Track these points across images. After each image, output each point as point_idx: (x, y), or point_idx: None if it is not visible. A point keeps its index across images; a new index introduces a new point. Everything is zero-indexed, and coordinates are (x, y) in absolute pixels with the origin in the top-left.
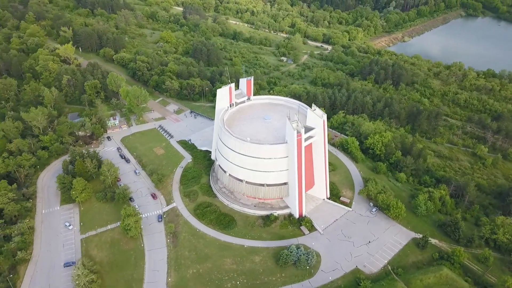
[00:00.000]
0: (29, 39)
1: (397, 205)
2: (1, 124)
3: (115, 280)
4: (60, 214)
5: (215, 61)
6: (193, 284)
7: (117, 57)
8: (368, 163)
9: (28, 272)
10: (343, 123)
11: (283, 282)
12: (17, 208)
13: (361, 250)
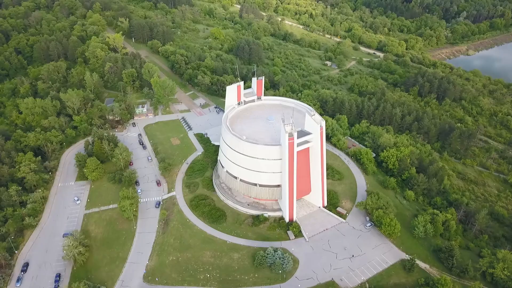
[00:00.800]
0: (89, 27)
1: (390, 223)
2: (42, 102)
3: (101, 256)
4: (73, 189)
5: (256, 60)
6: (169, 270)
7: (162, 49)
8: (379, 177)
9: (32, 237)
10: (365, 133)
11: (253, 282)
12: (36, 178)
13: (342, 263)
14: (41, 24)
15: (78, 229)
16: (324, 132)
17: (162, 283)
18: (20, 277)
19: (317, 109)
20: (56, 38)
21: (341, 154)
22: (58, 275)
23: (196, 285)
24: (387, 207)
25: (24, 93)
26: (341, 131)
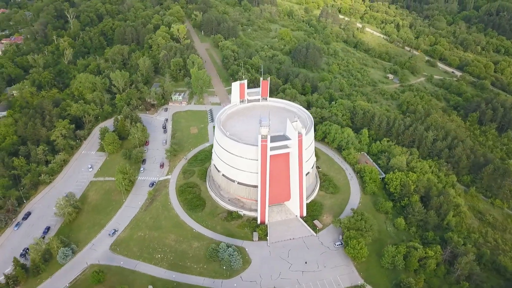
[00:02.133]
0: (166, 17)
1: (356, 246)
2: (93, 78)
3: (87, 219)
4: (91, 158)
5: (311, 64)
6: (133, 244)
7: (221, 44)
8: (378, 198)
9: (42, 192)
10: (383, 151)
11: (200, 272)
12: (63, 143)
13: (293, 274)
14: (130, 11)
15: (76, 192)
16: (304, 140)
17: (122, 254)
18: (20, 223)
19: (344, 120)
20: (135, 25)
21: (347, 169)
22: (48, 228)
23: (149, 263)
24: (367, 230)
25: (91, 69)
26: (356, 145)
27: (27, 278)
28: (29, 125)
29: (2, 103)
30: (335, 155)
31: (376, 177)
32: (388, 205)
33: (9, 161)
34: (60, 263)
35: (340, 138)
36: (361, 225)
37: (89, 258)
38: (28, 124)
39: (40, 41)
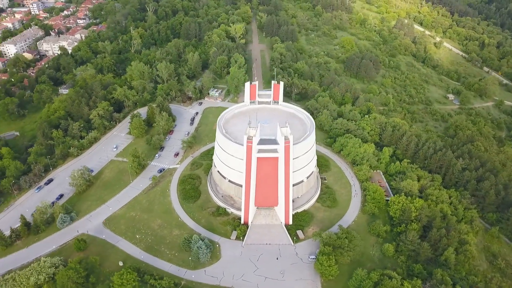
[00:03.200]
0: (231, 17)
1: (324, 262)
2: (142, 67)
3: (94, 193)
4: (119, 139)
5: (363, 75)
6: (122, 222)
7: (275, 46)
8: (376, 219)
9: (68, 164)
10: (400, 172)
11: (169, 259)
12: (99, 122)
13: (255, 278)
14: (203, 8)
15: (96, 168)
16: (292, 147)
17: (110, 229)
18: (41, 187)
19: (371, 136)
20: (201, 21)
21: (355, 185)
22: (61, 195)
23: (129, 241)
24: (348, 250)
25: (149, 60)
26: (372, 162)
27: (28, 235)
28: (75, 103)
29: (69, 82)
30: (347, 169)
31: (381, 197)
32: (381, 228)
33: (49, 132)
34: (58, 227)
35: (355, 152)
36: (343, 243)
37: (82, 227)
38: (75, 101)
39: (118, 30)
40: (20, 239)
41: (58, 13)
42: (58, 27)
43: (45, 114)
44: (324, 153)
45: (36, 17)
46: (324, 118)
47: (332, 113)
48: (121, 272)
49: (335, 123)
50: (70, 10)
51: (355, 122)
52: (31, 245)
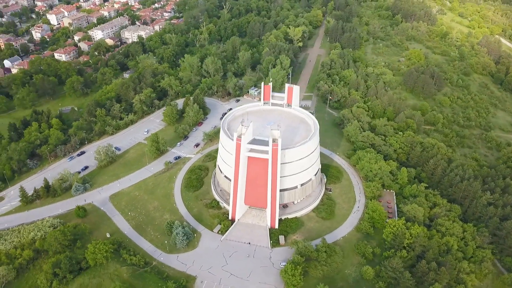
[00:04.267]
0: (300, 19)
1: (288, 271)
2: (193, 60)
3: (112, 169)
4: (154, 124)
5: (419, 91)
6: (124, 199)
7: (332, 52)
8: (369, 238)
9: (102, 140)
10: (414, 196)
11: (151, 239)
12: (138, 106)
13: (220, 273)
14: (276, 9)
15: (124, 148)
16: (280, 151)
17: (112, 203)
18: (73, 157)
19: (398, 154)
20: (267, 22)
21: (360, 201)
22: (86, 167)
23: (124, 217)
24: (324, 264)
25: (207, 54)
26: (386, 181)
27: (46, 196)
28: (124, 87)
29: (132, 68)
30: (358, 184)
31: (380, 218)
32: (367, 249)
33: (94, 110)
34: (72, 194)
35: (369, 167)
36: (320, 256)
37: (91, 198)
38: (124, 86)
39: (192, 24)
40: (39, 199)
41: (149, 5)
42: (145, 18)
43: (99, 94)
44: (341, 164)
45: (130, 8)
46: (352, 129)
47: (363, 125)
48: (96, 241)
49: (362, 135)
50: (160, 3)
51: (385, 138)
52: (46, 206)
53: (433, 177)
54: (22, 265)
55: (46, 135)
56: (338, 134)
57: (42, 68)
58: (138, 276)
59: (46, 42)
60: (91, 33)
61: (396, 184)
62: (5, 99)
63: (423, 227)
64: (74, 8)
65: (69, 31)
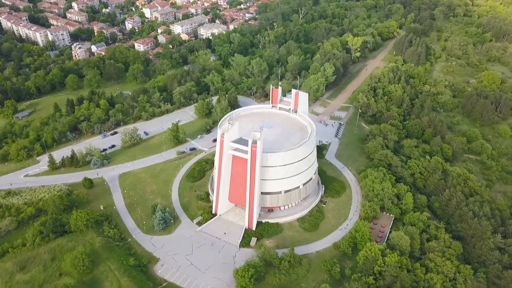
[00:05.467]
0: (370, 29)
1: (240, 272)
2: (241, 60)
3: (132, 151)
4: (187, 115)
5: (478, 116)
6: (129, 179)
7: (389, 64)
8: (345, 258)
9: (136, 124)
10: (412, 224)
11: (135, 218)
12: (178, 98)
13: (182, 260)
14: (351, 17)
15: (151, 133)
16: (258, 152)
17: (119, 181)
18: (106, 135)
19: (417, 178)
20: (333, 29)
21: (352, 219)
22: (113, 145)
23: (121, 194)
24: (282, 273)
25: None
26: (387, 204)
27: (70, 166)
28: (170, 78)
29: (191, 62)
30: (357, 202)
31: (363, 240)
32: (334, 268)
33: (137, 96)
34: (91, 167)
35: (371, 187)
36: (282, 265)
37: (103, 173)
38: (171, 77)
39: (264, 26)
40: (64, 167)
41: (235, 5)
42: (226, 17)
43: (151, 82)
44: (349, 179)
45: (217, 7)
46: (373, 145)
47: (388, 143)
48: (81, 210)
49: (379, 153)
50: (246, 4)
51: (406, 160)
52: (66, 174)
53: (447, 209)
54: (23, 219)
55: (90, 113)
56: (360, 149)
57: (115, 54)
58: (107, 248)
59: (134, 32)
60: (172, 27)
61: (397, 209)
62: (77, 79)
63: (405, 258)
64: (168, 4)
65: (155, 24)
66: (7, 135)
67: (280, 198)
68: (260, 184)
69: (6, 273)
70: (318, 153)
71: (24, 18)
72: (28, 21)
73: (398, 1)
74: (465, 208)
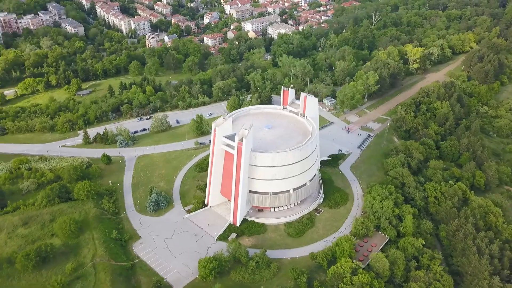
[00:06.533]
0: (440, 41)
1: (202, 263)
2: (292, 62)
3: (158, 136)
4: (219, 109)
5: None
6: (145, 160)
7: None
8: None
9: (173, 112)
10: (404, 249)
11: (135, 197)
12: (216, 93)
13: (160, 243)
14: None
15: (183, 122)
16: (246, 151)
17: (135, 161)
18: (142, 119)
19: (430, 203)
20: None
21: (343, 233)
22: (144, 129)
23: (132, 172)
24: (247, 272)
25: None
26: (383, 223)
27: (100, 142)
28: (215, 73)
29: (246, 59)
30: (355, 216)
31: (343, 256)
32: (301, 277)
33: (178, 86)
34: (117, 146)
35: (371, 203)
36: (250, 264)
37: (125, 152)
38: (215, 72)
39: (334, 29)
40: (96, 143)
41: (314, 7)
42: (301, 18)
43: (199, 75)
44: (355, 193)
45: (296, 8)
46: (392, 162)
47: (411, 162)
48: (84, 181)
49: (395, 171)
50: (326, 7)
51: (425, 181)
52: (94, 149)
53: (454, 240)
54: (43, 183)
55: (135, 97)
56: (380, 164)
57: (178, 46)
58: (99, 219)
59: (208, 27)
60: (243, 24)
61: (394, 230)
62: (139, 65)
63: (379, 281)
64: (248, 1)
65: (229, 21)
66: (62, 108)
67: (268, 199)
68: (248, 183)
69: (11, 226)
70: (332, 162)
71: (116, 8)
72: (119, 11)
73: (488, 13)
74: (470, 242)
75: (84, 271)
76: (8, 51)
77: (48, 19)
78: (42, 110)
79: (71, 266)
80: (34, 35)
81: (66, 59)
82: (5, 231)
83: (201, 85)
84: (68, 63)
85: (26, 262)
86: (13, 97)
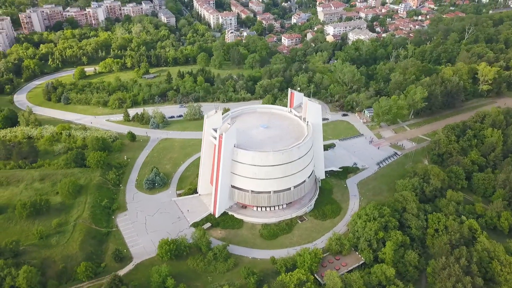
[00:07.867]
0: None
1: (163, 243)
2: (339, 66)
3: (187, 124)
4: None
5: None
6: (165, 144)
7: None
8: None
9: (212, 103)
10: (376, 277)
11: (140, 174)
12: (258, 90)
13: (141, 217)
14: None
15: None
16: (226, 145)
17: (156, 143)
18: (183, 106)
19: (429, 234)
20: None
21: (317, 245)
22: (181, 115)
23: (149, 152)
24: (203, 261)
25: None
26: (362, 243)
27: (137, 121)
28: (265, 72)
29: (307, 62)
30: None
31: (302, 267)
32: (251, 277)
33: (226, 80)
34: (149, 127)
35: (354, 222)
36: (208, 254)
37: (152, 133)
38: (265, 71)
39: (417, 40)
40: (133, 121)
41: (411, 16)
42: (393, 26)
43: (251, 72)
44: (350, 209)
45: (392, 15)
46: (403, 184)
47: (426, 188)
48: (96, 152)
49: (400, 193)
50: (425, 16)
51: (432, 211)
52: (129, 126)
53: (438, 278)
54: (72, 148)
55: (184, 85)
56: (393, 184)
57: (249, 42)
58: (98, 187)
59: (293, 27)
60: (326, 28)
61: (370, 254)
62: (206, 57)
63: None
64: (343, 5)
65: (314, 22)
66: (120, 87)
67: (247, 196)
68: (231, 177)
69: (31, 179)
70: (341, 174)
71: (211, 2)
72: (214, 5)
73: None
74: (449, 284)
75: (65, 228)
76: (103, 33)
77: (148, 8)
78: (104, 86)
79: (57, 221)
80: (131, 22)
81: (148, 45)
82: (24, 183)
83: (247, 81)
84: (149, 49)
85: (22, 210)
86: (92, 74)
